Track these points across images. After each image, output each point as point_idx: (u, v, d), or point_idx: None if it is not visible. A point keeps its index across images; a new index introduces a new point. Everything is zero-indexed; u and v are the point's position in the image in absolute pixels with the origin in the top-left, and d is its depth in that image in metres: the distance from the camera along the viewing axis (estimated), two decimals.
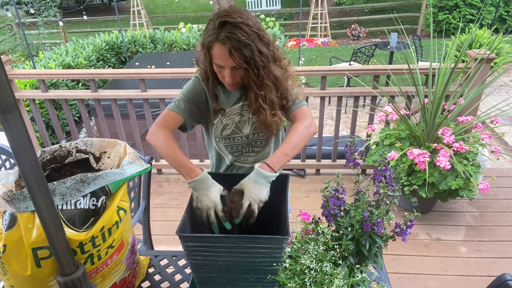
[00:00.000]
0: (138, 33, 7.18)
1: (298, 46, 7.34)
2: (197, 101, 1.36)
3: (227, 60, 1.18)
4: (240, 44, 1.14)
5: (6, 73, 0.65)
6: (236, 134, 1.39)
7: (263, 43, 1.20)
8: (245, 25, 1.16)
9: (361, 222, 0.99)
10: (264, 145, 1.45)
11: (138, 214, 1.79)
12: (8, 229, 0.90)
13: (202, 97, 1.36)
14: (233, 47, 1.14)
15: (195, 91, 1.36)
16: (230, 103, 1.37)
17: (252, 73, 1.20)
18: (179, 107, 1.33)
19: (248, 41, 1.15)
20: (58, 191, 0.92)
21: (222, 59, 1.19)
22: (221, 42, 1.15)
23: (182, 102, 1.34)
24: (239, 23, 1.15)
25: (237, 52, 1.15)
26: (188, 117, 1.34)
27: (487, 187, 2.28)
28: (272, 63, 1.25)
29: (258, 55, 1.18)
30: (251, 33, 1.16)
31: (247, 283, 1.11)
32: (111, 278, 1.07)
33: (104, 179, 0.98)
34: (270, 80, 1.25)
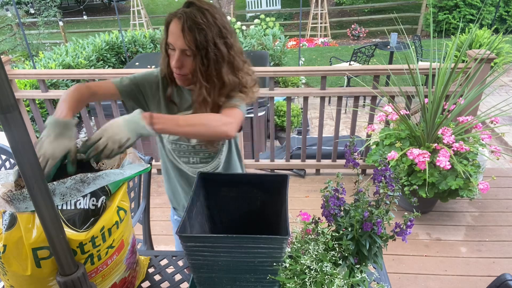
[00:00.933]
0: (138, 33, 7.18)
1: (298, 46, 7.34)
2: (144, 87, 1.29)
3: (178, 39, 1.12)
4: (195, 25, 1.09)
5: (6, 73, 0.65)
6: (184, 141, 1.34)
7: (223, 41, 1.14)
8: (210, 14, 1.12)
9: (361, 222, 0.99)
10: (213, 157, 1.38)
11: (138, 214, 1.79)
12: (8, 229, 0.90)
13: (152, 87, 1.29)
14: (187, 25, 1.09)
15: (149, 77, 1.30)
16: (182, 108, 1.30)
17: (200, 62, 1.14)
18: (121, 81, 1.26)
19: (205, 26, 1.10)
20: (58, 191, 0.92)
21: (174, 36, 1.12)
22: (178, 17, 1.11)
23: (127, 81, 1.27)
24: (204, 9, 1.11)
25: (190, 32, 1.09)
26: (126, 97, 1.26)
27: (487, 187, 2.28)
28: (227, 66, 1.18)
29: (213, 47, 1.12)
30: (213, 23, 1.12)
31: (247, 283, 1.11)
32: (111, 278, 1.07)
33: (104, 179, 0.98)
34: (218, 80, 1.18)
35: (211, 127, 1.10)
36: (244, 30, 7.66)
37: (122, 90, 1.26)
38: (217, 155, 1.39)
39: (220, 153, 1.39)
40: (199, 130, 1.10)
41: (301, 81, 6.69)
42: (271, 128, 3.13)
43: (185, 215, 1.07)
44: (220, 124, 1.12)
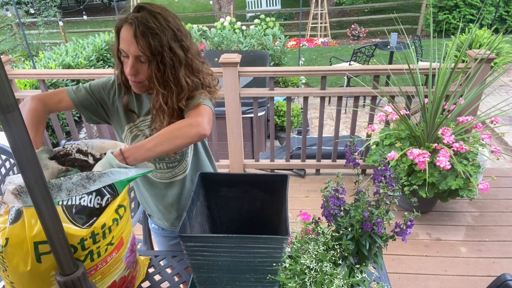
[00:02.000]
0: None
1: (298, 46, 7.34)
2: (101, 97, 1.24)
3: (130, 45, 1.07)
4: (148, 30, 1.05)
5: (6, 73, 0.65)
6: None
7: (178, 44, 1.11)
8: (162, 17, 1.08)
9: (361, 222, 0.99)
10: (180, 160, 1.33)
11: (138, 214, 1.79)
12: (12, 223, 0.91)
13: (110, 96, 1.25)
14: (139, 30, 1.05)
15: (104, 86, 1.25)
16: (141, 113, 1.26)
17: (156, 68, 1.09)
18: (76, 92, 1.21)
19: (158, 31, 1.06)
20: (64, 186, 0.93)
21: (126, 43, 1.07)
22: (129, 23, 1.06)
23: (83, 90, 1.22)
24: (156, 13, 1.07)
25: (143, 38, 1.05)
26: (81, 107, 1.22)
27: (487, 187, 2.28)
28: (185, 69, 1.14)
29: (168, 51, 1.08)
30: (166, 27, 1.08)
31: (247, 283, 1.11)
32: (110, 276, 1.07)
33: (110, 177, 0.99)
34: (175, 84, 1.13)
35: (183, 135, 1.05)
36: (244, 30, 7.66)
37: (76, 101, 1.21)
38: (183, 158, 1.33)
39: (186, 156, 1.34)
40: (173, 144, 1.04)
41: (301, 81, 6.70)
42: (271, 128, 3.13)
43: (185, 215, 1.07)
44: (191, 128, 1.06)
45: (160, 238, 1.60)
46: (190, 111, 1.14)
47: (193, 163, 1.39)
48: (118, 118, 1.28)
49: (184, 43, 1.12)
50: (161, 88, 1.13)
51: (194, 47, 1.17)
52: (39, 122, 1.11)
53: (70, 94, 1.21)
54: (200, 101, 1.16)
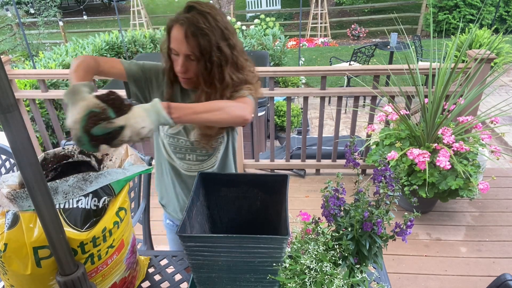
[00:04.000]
0: (138, 33, 7.18)
1: (298, 46, 7.34)
2: (150, 78, 1.28)
3: (181, 45, 1.11)
4: (198, 30, 1.08)
5: (6, 73, 0.65)
6: (182, 136, 1.33)
7: (226, 42, 1.14)
8: (211, 16, 1.11)
9: (361, 222, 0.99)
10: (211, 154, 1.37)
11: (138, 214, 1.79)
12: (10, 228, 0.90)
13: (158, 80, 1.29)
14: (190, 31, 1.08)
15: (156, 70, 1.29)
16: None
17: (204, 67, 1.14)
18: (129, 64, 1.25)
19: (208, 31, 1.09)
20: (60, 189, 0.93)
21: (177, 42, 1.12)
22: (180, 23, 1.10)
23: (136, 66, 1.26)
24: (205, 12, 1.10)
25: (193, 37, 1.09)
26: (131, 80, 1.25)
27: (487, 187, 2.28)
28: (230, 67, 1.18)
29: (216, 50, 1.12)
30: (215, 26, 1.11)
31: (247, 283, 1.11)
32: (111, 278, 1.07)
33: (106, 177, 0.98)
34: (219, 82, 1.17)
35: (229, 112, 1.08)
36: (244, 30, 7.66)
37: (129, 73, 1.25)
38: (214, 153, 1.38)
39: (217, 152, 1.38)
40: (217, 116, 1.06)
41: (301, 81, 6.69)
42: (271, 128, 3.13)
43: (185, 215, 1.07)
44: (237, 109, 1.10)
45: (173, 235, 1.62)
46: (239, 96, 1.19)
47: (221, 161, 1.42)
48: None
49: (231, 41, 1.16)
50: (206, 86, 1.18)
51: (239, 44, 1.20)
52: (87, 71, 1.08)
53: (124, 64, 1.24)
54: (245, 93, 1.21)
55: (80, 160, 1.10)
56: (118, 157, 1.11)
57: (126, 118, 0.90)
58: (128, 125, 0.89)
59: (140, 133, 0.91)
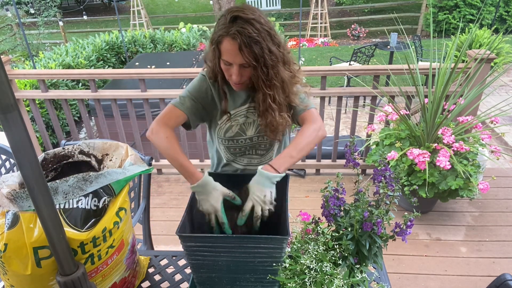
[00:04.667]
0: (138, 33, 7.18)
1: (298, 46, 7.34)
2: (202, 99, 1.32)
3: (236, 56, 1.15)
4: (251, 40, 1.12)
5: (6, 73, 0.65)
6: (240, 136, 1.38)
7: (273, 42, 1.18)
8: (257, 22, 1.14)
9: (361, 222, 0.99)
10: (268, 149, 1.44)
11: (138, 214, 1.79)
12: (10, 228, 0.90)
13: (208, 95, 1.33)
14: (243, 43, 1.12)
15: (201, 89, 1.33)
16: (236, 104, 1.35)
17: (261, 71, 1.18)
18: (183, 104, 1.29)
19: (259, 38, 1.13)
20: (60, 189, 0.93)
21: (231, 55, 1.16)
22: (232, 37, 1.13)
23: (187, 99, 1.30)
24: (251, 19, 1.13)
25: (247, 48, 1.13)
26: (192, 115, 1.31)
27: (487, 187, 2.28)
28: (282, 64, 1.22)
29: (268, 53, 1.16)
30: (263, 30, 1.14)
31: (247, 283, 1.11)
32: (111, 278, 1.07)
33: (106, 177, 0.98)
34: (278, 81, 1.23)
35: (314, 139, 1.25)
36: None
37: (188, 112, 1.30)
38: (271, 147, 1.45)
39: (273, 146, 1.45)
40: (309, 148, 1.24)
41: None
42: None
43: (185, 215, 1.07)
44: (317, 134, 1.25)
45: None
46: (305, 114, 1.31)
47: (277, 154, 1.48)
48: (215, 114, 1.37)
49: (276, 40, 1.20)
50: (267, 89, 1.23)
51: (282, 40, 1.24)
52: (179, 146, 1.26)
53: (180, 108, 1.30)
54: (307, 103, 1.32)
55: (80, 160, 1.10)
56: (119, 157, 1.11)
57: (251, 200, 1.13)
58: (255, 203, 1.12)
59: (267, 202, 1.13)
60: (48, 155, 1.07)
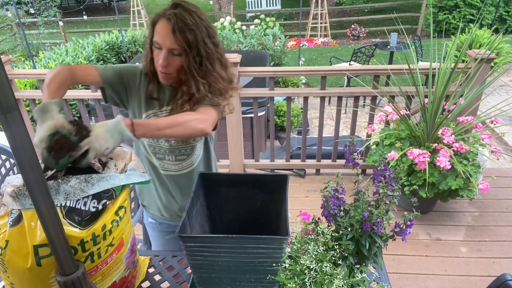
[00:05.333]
0: (138, 33, 7.19)
1: (298, 46, 7.34)
2: (127, 80, 1.30)
3: (167, 38, 1.15)
4: (185, 26, 1.13)
5: (6, 73, 0.65)
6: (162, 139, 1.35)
7: (210, 39, 1.19)
8: (197, 15, 1.17)
9: (360, 222, 0.99)
10: (190, 154, 1.39)
11: (138, 214, 1.79)
12: (12, 226, 0.91)
13: (136, 81, 1.31)
14: (177, 25, 1.13)
15: (132, 71, 1.32)
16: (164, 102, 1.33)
17: (193, 60, 1.18)
18: (104, 71, 1.27)
19: (194, 27, 1.14)
20: (62, 189, 0.93)
21: (162, 36, 1.16)
22: (167, 18, 1.14)
23: (111, 70, 1.28)
24: (191, 11, 1.16)
25: (180, 32, 1.13)
26: (107, 85, 1.28)
27: (487, 187, 2.28)
28: (218, 63, 1.23)
29: (203, 44, 1.17)
30: (200, 24, 1.16)
31: (247, 283, 1.11)
32: (111, 277, 1.07)
33: (108, 181, 0.99)
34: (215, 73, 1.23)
35: (190, 127, 1.13)
36: (244, 30, 7.66)
37: (105, 78, 1.27)
38: (192, 152, 1.40)
39: (194, 151, 1.40)
40: (178, 131, 1.12)
41: (301, 81, 6.69)
42: (271, 128, 3.13)
43: (185, 215, 1.07)
44: (198, 122, 1.15)
45: (156, 233, 1.61)
46: (201, 107, 1.23)
47: (201, 161, 1.44)
48: (138, 104, 1.33)
49: (214, 40, 1.22)
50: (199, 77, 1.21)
51: (221, 45, 1.26)
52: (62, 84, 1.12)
53: (99, 70, 1.26)
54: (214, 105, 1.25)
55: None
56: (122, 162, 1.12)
57: (89, 142, 0.93)
58: (91, 148, 0.93)
59: (104, 154, 0.97)
60: None
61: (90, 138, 0.93)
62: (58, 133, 0.92)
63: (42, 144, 0.91)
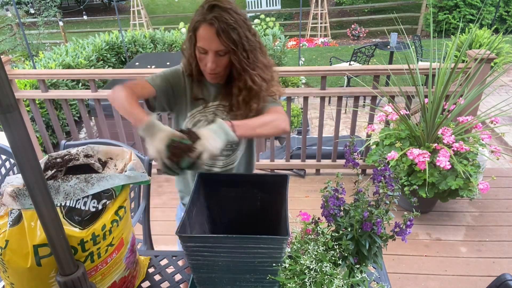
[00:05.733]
0: (138, 33, 7.18)
1: (298, 46, 7.34)
2: (175, 83, 1.33)
3: (212, 42, 1.17)
4: (228, 26, 1.15)
5: (6, 73, 0.65)
6: None
7: (250, 32, 1.22)
8: (234, 11, 1.18)
9: (360, 222, 0.99)
10: (235, 149, 1.42)
11: (138, 214, 1.79)
12: (12, 226, 0.91)
13: (181, 82, 1.34)
14: (220, 28, 1.14)
15: (176, 74, 1.34)
16: (209, 100, 1.36)
17: (242, 55, 1.20)
18: (154, 80, 1.31)
19: (235, 25, 1.16)
20: (62, 189, 0.93)
21: (207, 41, 1.18)
22: (209, 23, 1.15)
23: (159, 77, 1.32)
24: (228, 9, 1.17)
25: (224, 33, 1.15)
26: (160, 93, 1.30)
27: (487, 187, 2.28)
28: (260, 52, 1.26)
29: (246, 39, 1.19)
30: (239, 19, 1.18)
31: (247, 283, 1.11)
32: (111, 277, 1.07)
33: (108, 181, 0.99)
34: (260, 64, 1.26)
35: (276, 126, 1.21)
36: None
37: (158, 87, 1.30)
38: (237, 148, 1.43)
39: (238, 147, 1.43)
40: (267, 130, 1.21)
41: (301, 81, 6.69)
42: None
43: (185, 215, 1.07)
44: (281, 122, 1.23)
45: None
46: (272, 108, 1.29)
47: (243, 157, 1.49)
48: (184, 105, 1.37)
49: (252, 30, 1.24)
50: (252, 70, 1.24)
51: (257, 32, 1.27)
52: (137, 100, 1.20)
53: (150, 82, 1.30)
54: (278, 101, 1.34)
55: (84, 163, 1.11)
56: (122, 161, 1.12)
57: (202, 144, 1.03)
58: (205, 149, 1.02)
59: (215, 154, 1.04)
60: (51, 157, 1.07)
61: (202, 141, 1.02)
62: (173, 141, 1.02)
63: (161, 155, 1.01)
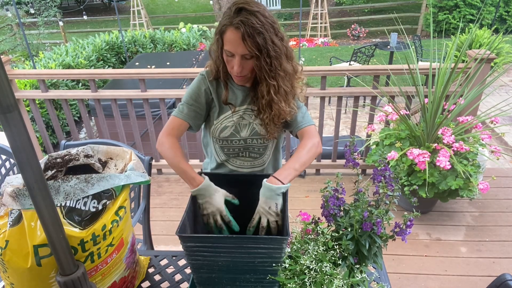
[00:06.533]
0: (138, 33, 7.18)
1: (298, 46, 7.34)
2: (201, 101, 1.35)
3: (238, 46, 1.17)
4: (254, 30, 1.14)
5: (6, 73, 0.65)
6: (234, 136, 1.38)
7: (277, 36, 1.20)
8: (261, 14, 1.17)
9: (360, 222, 0.99)
10: (262, 153, 1.44)
11: (138, 214, 1.79)
12: (12, 226, 0.91)
13: (208, 96, 1.36)
14: (246, 33, 1.14)
15: (199, 90, 1.35)
16: (237, 103, 1.37)
17: (264, 62, 1.19)
18: (182, 112, 1.34)
19: (262, 29, 1.15)
20: (62, 189, 0.93)
21: (233, 45, 1.18)
22: (235, 27, 1.15)
23: (185, 107, 1.34)
24: (256, 12, 1.16)
25: (250, 38, 1.15)
26: (193, 121, 1.35)
27: (487, 187, 2.28)
28: (285, 57, 1.24)
29: (271, 45, 1.18)
30: (266, 23, 1.17)
31: (247, 283, 1.11)
32: (111, 277, 1.07)
33: (108, 181, 0.99)
34: (282, 72, 1.25)
35: (314, 154, 1.29)
36: None
37: (189, 119, 1.34)
38: (265, 152, 1.45)
39: (267, 150, 1.45)
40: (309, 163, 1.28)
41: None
42: None
43: (185, 215, 1.07)
44: (316, 147, 1.30)
45: None
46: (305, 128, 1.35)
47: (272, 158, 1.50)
48: (214, 114, 1.39)
49: (279, 34, 1.22)
50: (271, 80, 1.24)
51: (285, 35, 1.26)
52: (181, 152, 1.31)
53: (180, 116, 1.34)
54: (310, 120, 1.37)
55: (84, 163, 1.11)
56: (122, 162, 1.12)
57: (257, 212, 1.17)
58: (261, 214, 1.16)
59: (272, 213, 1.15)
60: (51, 157, 1.07)
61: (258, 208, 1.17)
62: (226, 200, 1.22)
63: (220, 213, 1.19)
